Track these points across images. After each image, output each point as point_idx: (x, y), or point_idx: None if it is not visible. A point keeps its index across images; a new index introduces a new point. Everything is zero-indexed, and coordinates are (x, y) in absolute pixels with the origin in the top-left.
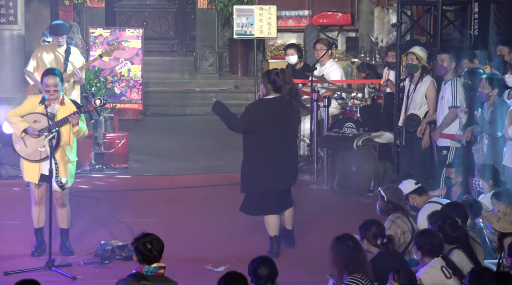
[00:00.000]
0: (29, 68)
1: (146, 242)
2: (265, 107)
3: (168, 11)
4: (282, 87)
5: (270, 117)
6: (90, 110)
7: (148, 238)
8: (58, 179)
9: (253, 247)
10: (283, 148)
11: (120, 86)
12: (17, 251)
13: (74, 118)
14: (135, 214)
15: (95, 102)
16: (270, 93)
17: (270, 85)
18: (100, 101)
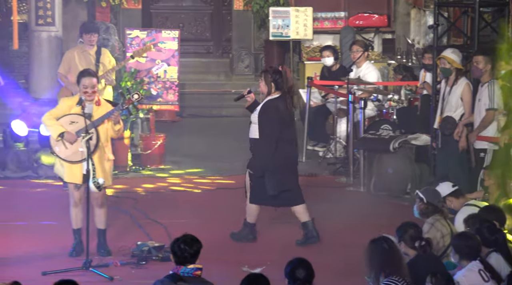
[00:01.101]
0: (61, 70)
1: (181, 243)
2: (278, 108)
3: (204, 13)
4: (283, 85)
5: (282, 117)
6: (128, 106)
7: (184, 239)
8: (95, 180)
9: (289, 249)
10: (292, 145)
11: (157, 88)
12: (55, 251)
13: (115, 117)
14: (171, 215)
15: (133, 97)
16: (273, 92)
17: (273, 83)
18: (138, 96)
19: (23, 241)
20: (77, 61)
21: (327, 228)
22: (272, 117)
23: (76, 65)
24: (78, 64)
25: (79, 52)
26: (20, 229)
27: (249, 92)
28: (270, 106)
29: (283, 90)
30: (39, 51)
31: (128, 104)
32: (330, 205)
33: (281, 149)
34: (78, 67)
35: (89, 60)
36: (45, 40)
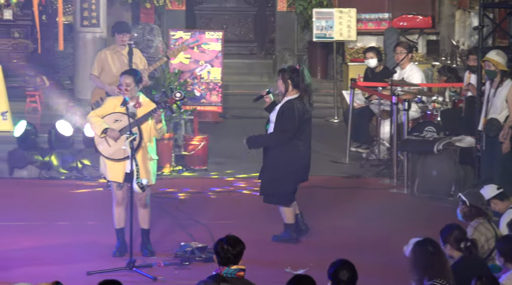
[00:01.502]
0: (94, 71)
1: (224, 244)
2: (296, 109)
3: (247, 14)
4: (300, 83)
5: (299, 117)
6: (171, 105)
7: (227, 240)
8: (138, 181)
9: (332, 250)
10: (308, 143)
11: (200, 89)
12: (99, 251)
13: (157, 115)
14: (214, 215)
15: (175, 95)
16: (290, 91)
17: (289, 81)
18: (180, 94)
19: (67, 241)
20: (110, 62)
21: (370, 230)
22: (290, 117)
23: (109, 66)
24: (111, 65)
25: (111, 52)
26: (64, 229)
27: (267, 92)
28: (289, 107)
29: (300, 88)
30: (84, 52)
31: (171, 103)
32: (373, 207)
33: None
34: (111, 68)
35: (122, 60)
36: (90, 41)
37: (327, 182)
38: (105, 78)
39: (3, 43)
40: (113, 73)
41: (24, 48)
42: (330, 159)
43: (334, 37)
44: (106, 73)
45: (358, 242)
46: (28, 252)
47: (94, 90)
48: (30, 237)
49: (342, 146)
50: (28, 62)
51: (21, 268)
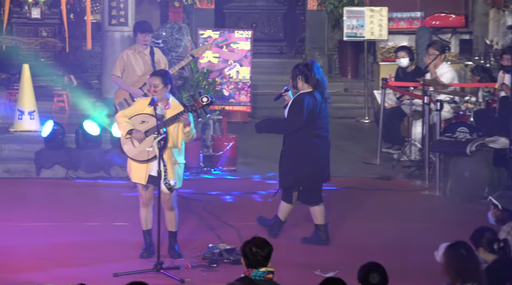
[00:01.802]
0: (116, 72)
1: (252, 246)
2: (307, 102)
3: (277, 13)
4: (310, 78)
5: (310, 111)
6: (197, 109)
7: (255, 242)
8: (166, 181)
9: (363, 252)
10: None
11: (229, 88)
12: (126, 253)
13: (184, 118)
14: (243, 217)
15: (202, 100)
16: (302, 86)
17: (300, 76)
18: (207, 99)
19: (94, 242)
20: (133, 62)
21: (401, 233)
22: (299, 110)
23: (132, 66)
24: (134, 66)
25: (133, 53)
26: (91, 230)
27: (285, 90)
28: (299, 100)
29: (311, 83)
30: (112, 51)
31: (197, 107)
32: (404, 209)
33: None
34: (134, 69)
35: (146, 60)
36: (118, 40)
37: (357, 184)
38: (128, 79)
39: (30, 42)
40: (137, 74)
41: (51, 47)
42: (361, 160)
43: (365, 36)
44: (129, 74)
45: (389, 245)
46: (54, 253)
47: (117, 91)
48: (56, 238)
49: (373, 147)
50: (55, 61)
51: (48, 269)
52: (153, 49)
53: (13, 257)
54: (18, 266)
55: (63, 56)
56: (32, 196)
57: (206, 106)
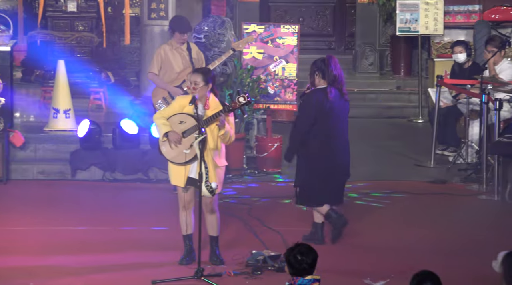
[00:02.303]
0: (153, 69)
1: (297, 254)
2: (320, 97)
3: (326, 6)
4: (326, 74)
5: (319, 109)
6: (234, 109)
7: (299, 249)
8: (208, 184)
9: (416, 259)
10: (339, 138)
11: (274, 86)
12: (165, 258)
13: (218, 120)
14: (288, 222)
15: (238, 100)
16: (318, 82)
17: (317, 72)
18: (244, 99)
19: (132, 247)
20: (171, 59)
21: (457, 239)
22: (308, 107)
23: (170, 63)
24: (172, 62)
25: (171, 49)
26: (129, 234)
27: (308, 88)
28: (308, 99)
29: (327, 79)
30: (151, 46)
31: (234, 108)
32: (460, 214)
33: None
34: (172, 65)
35: (184, 56)
36: (158, 35)
37: (410, 187)
38: (166, 76)
39: (66, 37)
40: (175, 71)
41: (88, 42)
42: (414, 163)
43: (419, 31)
44: (167, 71)
45: (443, 252)
46: (90, 258)
47: (156, 90)
48: (93, 242)
49: (427, 149)
50: (92, 57)
51: (85, 275)
52: (190, 45)
53: (48, 261)
54: (54, 271)
55: (100, 52)
56: (68, 199)
57: (243, 106)
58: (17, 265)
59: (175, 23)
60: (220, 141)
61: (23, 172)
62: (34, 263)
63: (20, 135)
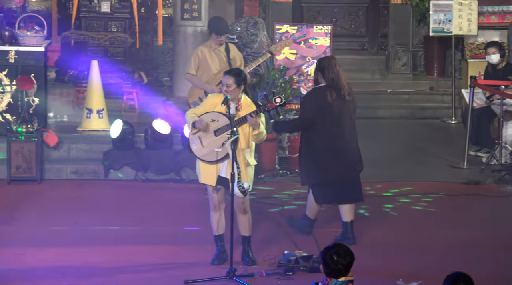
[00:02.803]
0: (191, 70)
1: (334, 254)
2: (320, 96)
3: (359, 6)
4: (326, 73)
5: (320, 106)
6: (269, 110)
7: (337, 250)
8: (240, 184)
9: (448, 261)
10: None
11: (306, 87)
12: (197, 258)
13: (251, 119)
14: (320, 222)
15: (275, 101)
16: (321, 81)
17: (319, 72)
18: (281, 100)
19: (164, 247)
20: (208, 60)
21: (490, 240)
22: (305, 106)
23: (207, 64)
24: (209, 63)
25: (209, 50)
26: (161, 234)
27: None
28: (308, 95)
29: (327, 78)
30: (184, 47)
31: (270, 108)
32: (493, 216)
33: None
34: (209, 66)
35: (221, 58)
36: (191, 36)
37: (444, 189)
38: (203, 77)
39: (99, 37)
40: (212, 72)
41: (121, 43)
42: (447, 164)
43: (452, 32)
44: (204, 72)
45: (477, 254)
46: (123, 258)
47: (192, 90)
48: (125, 242)
49: (460, 150)
50: (125, 58)
51: (117, 275)
52: (228, 46)
53: (80, 261)
54: (87, 271)
55: (133, 52)
56: (100, 199)
57: (279, 107)
58: (50, 264)
59: (213, 24)
60: (252, 140)
61: (57, 172)
62: (67, 262)
63: (54, 135)
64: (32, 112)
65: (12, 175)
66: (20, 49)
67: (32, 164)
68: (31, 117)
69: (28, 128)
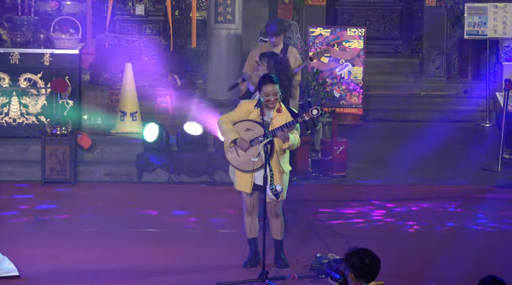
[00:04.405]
0: (246, 69)
1: (362, 258)
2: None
3: (393, 9)
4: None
5: None
6: (306, 120)
7: (364, 254)
8: (272, 187)
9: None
10: None
11: (340, 89)
12: (230, 261)
13: (282, 134)
14: (353, 226)
15: (311, 112)
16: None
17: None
18: (317, 111)
19: (197, 249)
20: None
21: None
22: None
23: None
24: None
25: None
26: (194, 237)
27: (243, 80)
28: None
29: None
30: (217, 49)
31: (305, 118)
32: None
33: None
34: None
35: None
36: (224, 38)
37: (478, 192)
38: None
39: (134, 40)
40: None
41: (155, 45)
42: (482, 167)
43: (487, 34)
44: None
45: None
46: (155, 261)
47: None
48: (158, 245)
49: (495, 153)
50: (159, 60)
51: (149, 277)
52: (287, 48)
53: (114, 264)
54: (120, 274)
55: (167, 55)
56: (133, 201)
57: (315, 118)
58: (84, 267)
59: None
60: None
61: (90, 174)
62: (100, 265)
63: (87, 138)
64: (66, 114)
65: (46, 177)
66: (55, 52)
67: (66, 166)
68: (65, 120)
69: (62, 131)
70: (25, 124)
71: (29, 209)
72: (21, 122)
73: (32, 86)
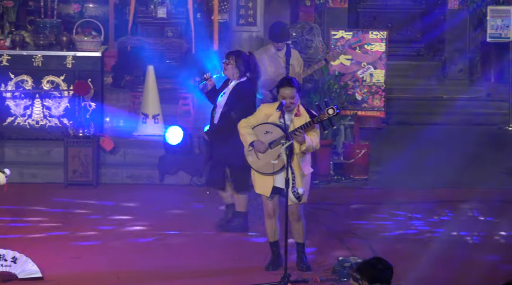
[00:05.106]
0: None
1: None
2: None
3: (415, 12)
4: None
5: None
6: (322, 120)
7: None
8: (294, 190)
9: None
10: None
11: (362, 92)
12: (252, 264)
13: (297, 136)
14: (375, 229)
15: (327, 112)
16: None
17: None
18: (333, 111)
19: (219, 252)
20: (266, 63)
21: None
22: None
23: (265, 68)
24: (267, 66)
25: (268, 54)
26: (215, 239)
27: (210, 76)
28: (245, 88)
29: (251, 76)
30: None
31: (322, 119)
32: None
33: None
34: (267, 70)
35: (279, 62)
36: (246, 41)
37: (501, 195)
38: None
39: (156, 42)
40: (268, 75)
41: (177, 48)
42: (503, 170)
43: (510, 37)
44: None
45: None
46: (177, 263)
47: None
48: (179, 247)
49: None
50: (181, 63)
51: (171, 280)
52: (290, 51)
53: (136, 266)
54: (141, 276)
55: (189, 58)
56: (155, 203)
57: (332, 117)
58: (106, 269)
59: (271, 32)
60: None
61: (112, 176)
62: (122, 267)
63: (110, 140)
64: (89, 116)
65: (69, 179)
66: (78, 54)
67: (88, 169)
68: (88, 122)
69: (85, 133)
70: (48, 126)
71: (52, 211)
72: (43, 124)
73: (54, 88)
